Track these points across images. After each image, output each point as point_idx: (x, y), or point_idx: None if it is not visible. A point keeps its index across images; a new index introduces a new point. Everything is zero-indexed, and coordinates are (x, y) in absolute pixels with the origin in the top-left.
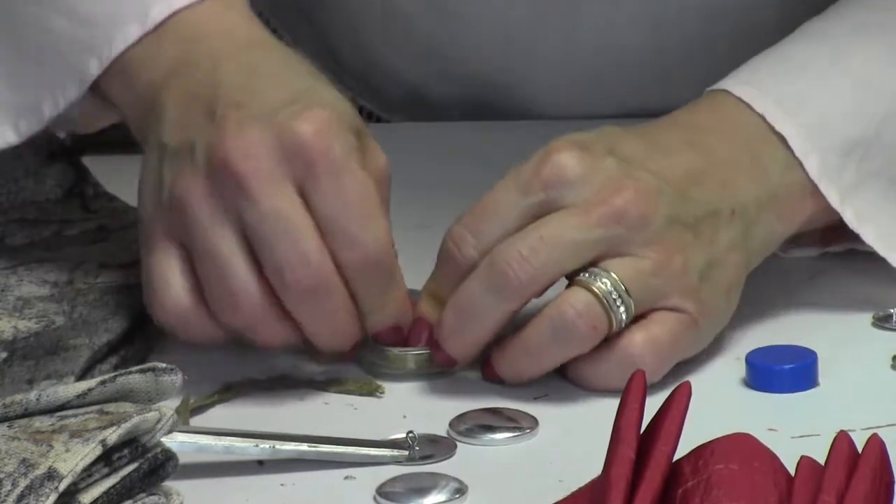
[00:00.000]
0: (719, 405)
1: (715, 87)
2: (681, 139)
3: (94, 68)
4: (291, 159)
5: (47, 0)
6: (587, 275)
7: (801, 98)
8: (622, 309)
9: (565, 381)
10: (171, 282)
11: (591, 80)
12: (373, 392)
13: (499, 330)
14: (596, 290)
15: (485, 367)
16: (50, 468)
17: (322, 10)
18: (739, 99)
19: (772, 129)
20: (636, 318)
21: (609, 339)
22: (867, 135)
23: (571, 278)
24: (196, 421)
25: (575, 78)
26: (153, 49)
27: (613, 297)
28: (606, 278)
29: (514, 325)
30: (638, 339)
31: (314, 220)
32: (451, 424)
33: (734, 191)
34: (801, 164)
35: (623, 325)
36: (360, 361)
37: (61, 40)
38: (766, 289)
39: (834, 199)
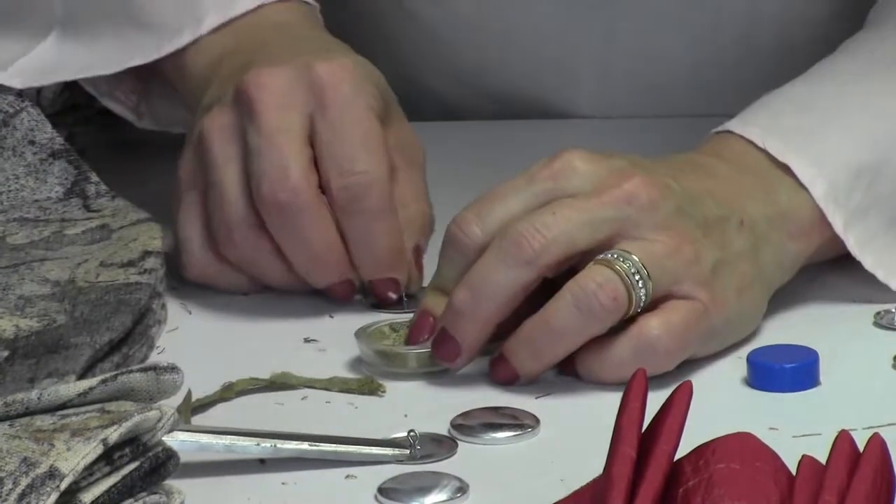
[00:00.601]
0: (721, 404)
1: (718, 129)
2: (686, 162)
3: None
4: (305, 91)
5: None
6: (608, 255)
7: (804, 133)
8: (642, 289)
9: (568, 380)
10: (191, 236)
11: (630, 95)
12: (374, 391)
13: (510, 309)
14: (618, 268)
15: (496, 363)
16: (51, 467)
17: (365, 37)
18: (742, 137)
19: (776, 162)
20: (648, 308)
21: (623, 326)
22: (876, 159)
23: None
24: (197, 419)
25: (613, 93)
26: (205, 48)
27: (636, 277)
28: (627, 259)
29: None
30: (654, 323)
31: (316, 150)
32: (452, 423)
33: (742, 205)
34: (807, 190)
35: (642, 304)
36: (361, 359)
37: (129, 40)
38: None
39: (838, 226)
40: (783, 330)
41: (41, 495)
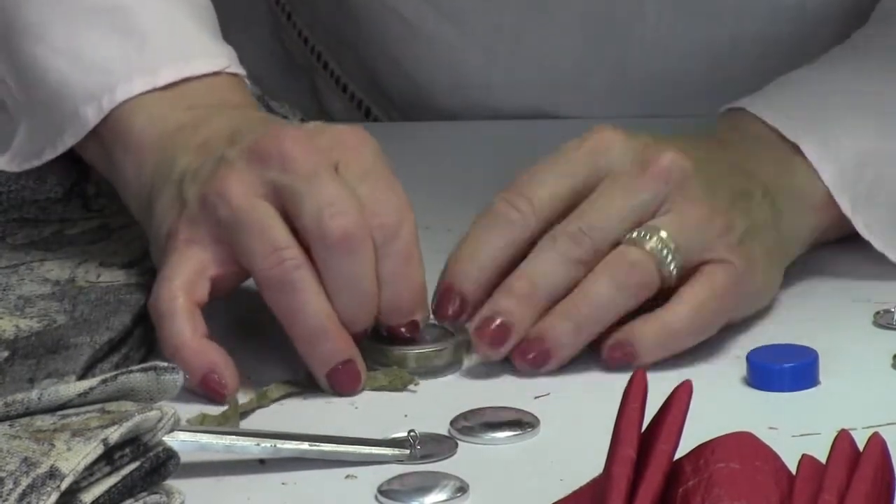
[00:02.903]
0: (720, 404)
1: (730, 105)
2: (706, 137)
3: (92, 116)
4: (328, 143)
5: (52, 42)
6: (636, 234)
7: (815, 116)
8: (672, 263)
9: (568, 379)
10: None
11: (640, 109)
12: (406, 384)
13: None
14: (648, 247)
15: (528, 344)
16: (51, 467)
17: (370, 51)
18: (754, 115)
19: (786, 140)
20: (685, 278)
21: (667, 297)
22: (884, 148)
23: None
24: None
25: (625, 109)
26: (158, 107)
27: (664, 253)
28: (655, 235)
29: None
30: (698, 289)
31: None
32: (452, 423)
33: (760, 178)
34: (817, 172)
35: (674, 277)
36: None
37: (62, 85)
38: None
39: (846, 207)
40: (783, 330)
41: (41, 495)
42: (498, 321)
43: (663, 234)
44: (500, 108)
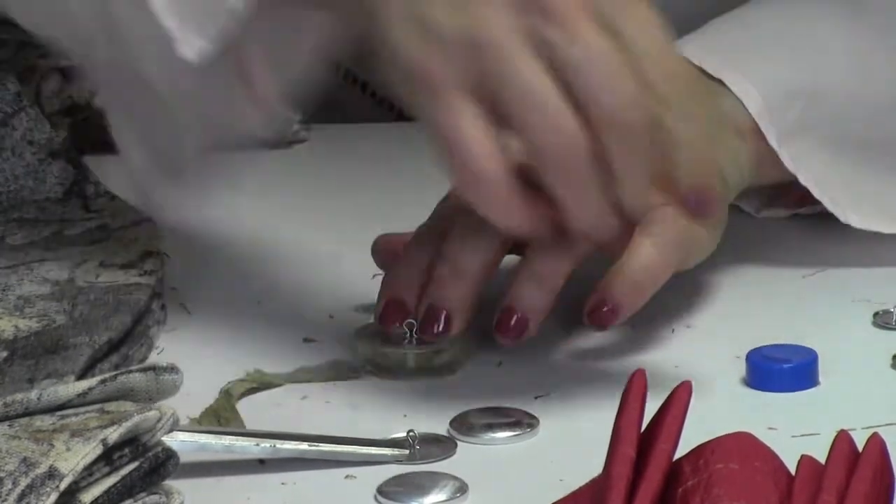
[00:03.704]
0: (719, 404)
1: None
2: None
3: None
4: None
5: None
6: None
7: (742, 50)
8: None
9: (568, 379)
10: (485, 145)
11: None
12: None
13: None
14: None
15: (501, 324)
16: (51, 467)
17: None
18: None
19: (712, 77)
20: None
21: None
22: (813, 86)
23: None
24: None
25: None
26: None
27: None
28: None
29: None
30: (643, 249)
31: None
32: (451, 423)
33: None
34: (742, 102)
35: None
36: (360, 362)
37: None
38: (765, 288)
39: (772, 140)
40: (782, 329)
41: (41, 495)
42: (433, 311)
43: None
44: None
